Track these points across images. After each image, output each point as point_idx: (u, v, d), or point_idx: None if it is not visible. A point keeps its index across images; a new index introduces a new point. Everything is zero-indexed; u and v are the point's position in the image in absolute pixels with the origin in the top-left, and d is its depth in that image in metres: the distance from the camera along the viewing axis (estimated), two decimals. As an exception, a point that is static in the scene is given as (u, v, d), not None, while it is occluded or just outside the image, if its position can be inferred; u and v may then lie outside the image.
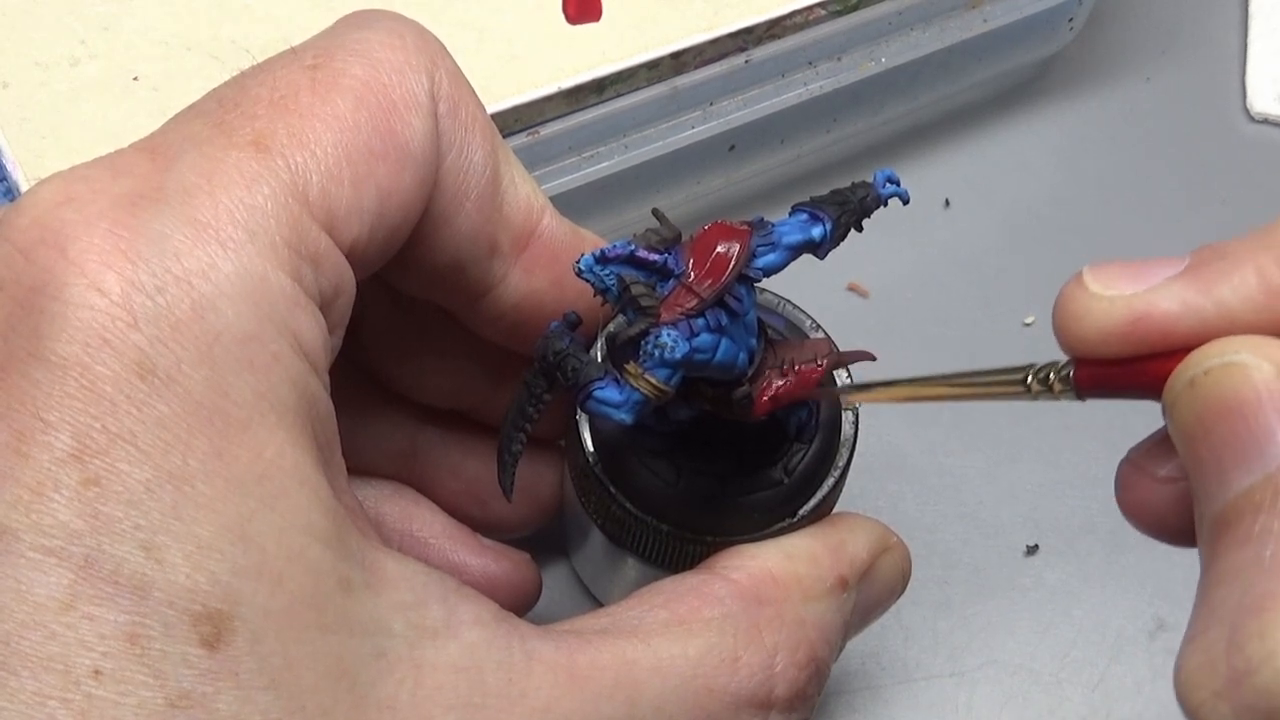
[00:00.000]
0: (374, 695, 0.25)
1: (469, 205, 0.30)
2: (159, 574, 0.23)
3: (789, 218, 0.30)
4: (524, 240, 0.31)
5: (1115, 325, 0.25)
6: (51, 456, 0.23)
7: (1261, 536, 0.22)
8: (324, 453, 0.26)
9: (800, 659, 0.30)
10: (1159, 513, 0.27)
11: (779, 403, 0.31)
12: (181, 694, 0.22)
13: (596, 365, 0.28)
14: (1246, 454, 0.23)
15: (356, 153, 0.27)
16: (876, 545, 0.33)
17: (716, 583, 0.30)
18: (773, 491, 0.32)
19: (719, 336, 0.28)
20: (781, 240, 0.29)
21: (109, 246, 0.24)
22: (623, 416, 0.28)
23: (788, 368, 0.31)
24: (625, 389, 0.28)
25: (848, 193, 0.30)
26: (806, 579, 0.31)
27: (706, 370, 0.29)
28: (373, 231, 0.27)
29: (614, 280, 0.28)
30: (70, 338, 0.23)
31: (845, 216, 0.30)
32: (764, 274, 0.29)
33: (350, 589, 0.25)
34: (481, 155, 0.30)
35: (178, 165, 0.25)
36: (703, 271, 0.28)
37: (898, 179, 0.30)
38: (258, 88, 0.27)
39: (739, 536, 0.32)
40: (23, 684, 0.22)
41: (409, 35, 0.29)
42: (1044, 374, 0.27)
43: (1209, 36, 0.55)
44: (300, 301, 0.25)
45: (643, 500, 0.32)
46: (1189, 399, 0.24)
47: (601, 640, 0.28)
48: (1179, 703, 0.24)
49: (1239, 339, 0.24)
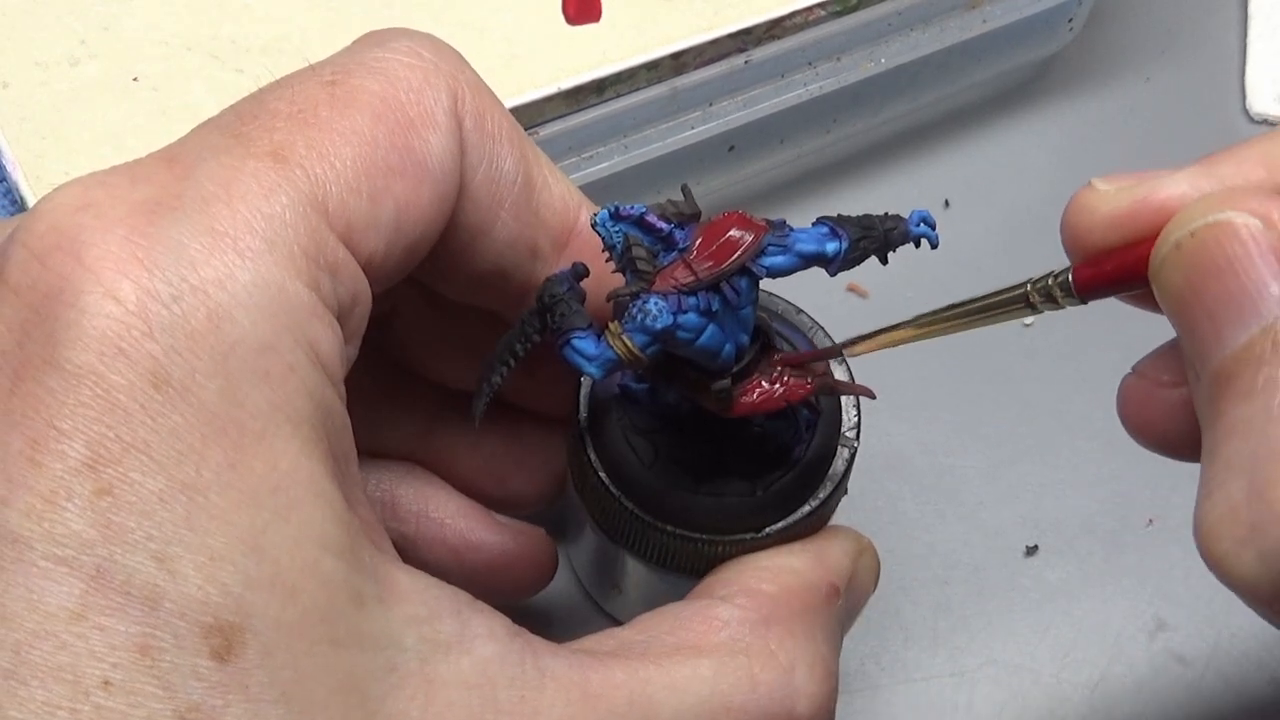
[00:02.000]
0: (385, 710, 0.25)
1: (504, 214, 0.30)
2: (170, 585, 0.23)
3: (810, 227, 0.30)
4: (563, 239, 0.32)
5: (1120, 210, 0.25)
6: (65, 465, 0.23)
7: (1267, 387, 0.22)
8: (339, 464, 0.26)
9: (819, 673, 0.30)
10: (1161, 421, 0.27)
11: (757, 408, 0.30)
12: (191, 706, 0.22)
13: (583, 316, 0.29)
14: (1241, 309, 0.23)
15: (374, 167, 0.27)
16: (853, 549, 0.33)
17: (719, 607, 0.30)
18: (741, 500, 0.32)
19: (707, 321, 0.28)
20: (795, 245, 0.29)
21: (125, 254, 0.24)
22: (592, 370, 0.28)
23: (777, 376, 0.31)
24: (602, 344, 0.28)
25: (876, 220, 0.30)
26: (804, 594, 0.31)
27: (688, 351, 0.29)
28: (389, 246, 0.27)
29: (620, 239, 0.28)
30: (85, 346, 0.23)
31: (866, 241, 0.30)
32: (768, 273, 0.29)
33: (363, 602, 0.25)
34: (512, 163, 0.30)
35: (195, 174, 0.25)
36: (707, 253, 0.28)
37: (933, 221, 0.31)
38: (276, 101, 0.27)
39: (698, 535, 0.32)
40: (32, 694, 0.22)
41: (427, 53, 0.29)
42: (1043, 284, 0.27)
43: (1209, 36, 0.55)
44: (318, 312, 0.25)
45: (617, 473, 0.32)
46: (1175, 262, 0.24)
47: (614, 660, 0.28)
48: (1203, 557, 0.24)
49: (1220, 194, 0.24)
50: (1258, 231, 0.23)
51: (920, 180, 0.51)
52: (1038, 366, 0.47)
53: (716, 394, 0.30)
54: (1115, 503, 0.44)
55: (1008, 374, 0.47)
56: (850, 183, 0.51)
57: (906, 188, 0.51)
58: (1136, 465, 0.45)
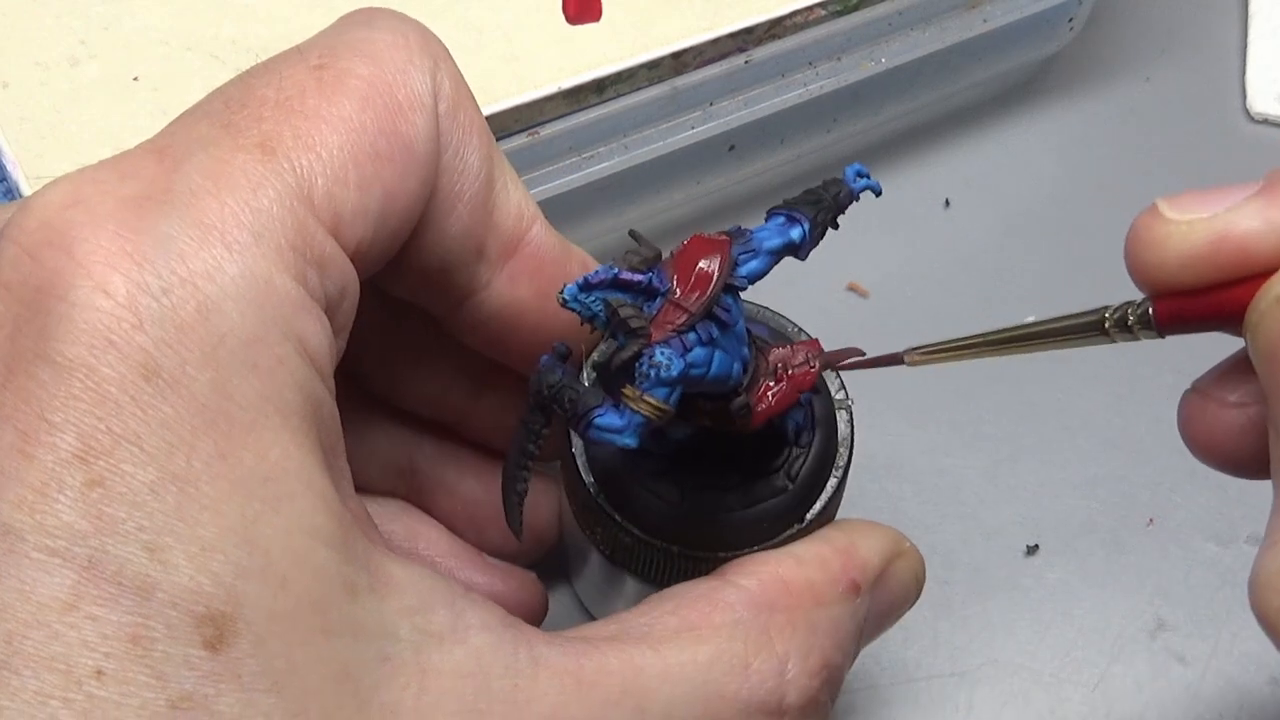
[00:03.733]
0: (378, 699, 0.25)
1: (461, 207, 0.30)
2: (162, 575, 0.23)
3: (766, 223, 0.30)
4: (511, 247, 0.31)
5: (1196, 249, 0.24)
6: (56, 457, 0.23)
7: None
8: (329, 456, 0.26)
9: (812, 665, 0.30)
10: (1227, 441, 0.27)
11: (777, 409, 0.30)
12: (183, 695, 0.22)
13: (593, 393, 0.28)
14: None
15: (362, 154, 0.27)
16: (888, 550, 0.33)
17: (727, 590, 0.30)
18: (778, 499, 0.32)
19: (712, 349, 0.28)
20: (762, 246, 0.29)
21: (115, 248, 0.24)
22: (627, 441, 0.27)
23: (781, 373, 0.31)
24: (625, 413, 0.27)
25: (821, 190, 0.30)
26: (818, 584, 0.31)
27: (703, 384, 0.28)
28: (376, 233, 0.27)
29: (601, 306, 0.27)
30: (75, 339, 0.23)
31: (821, 214, 0.30)
32: (749, 281, 0.29)
33: (355, 593, 0.25)
34: (478, 158, 0.30)
35: (184, 167, 0.25)
36: (688, 286, 0.28)
37: (867, 172, 0.30)
38: (264, 88, 0.27)
39: (750, 549, 0.32)
40: (25, 683, 0.22)
41: (412, 35, 0.29)
42: (1120, 314, 0.27)
43: (1209, 36, 0.55)
44: (305, 305, 0.25)
45: (649, 524, 0.32)
46: (1275, 317, 0.23)
47: (609, 646, 0.28)
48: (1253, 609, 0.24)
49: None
50: None
51: (920, 180, 0.51)
52: (1038, 366, 0.47)
53: (738, 413, 0.30)
54: (1115, 503, 0.44)
55: (1008, 374, 0.47)
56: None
57: (906, 188, 0.51)
58: (1136, 465, 0.45)
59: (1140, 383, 0.46)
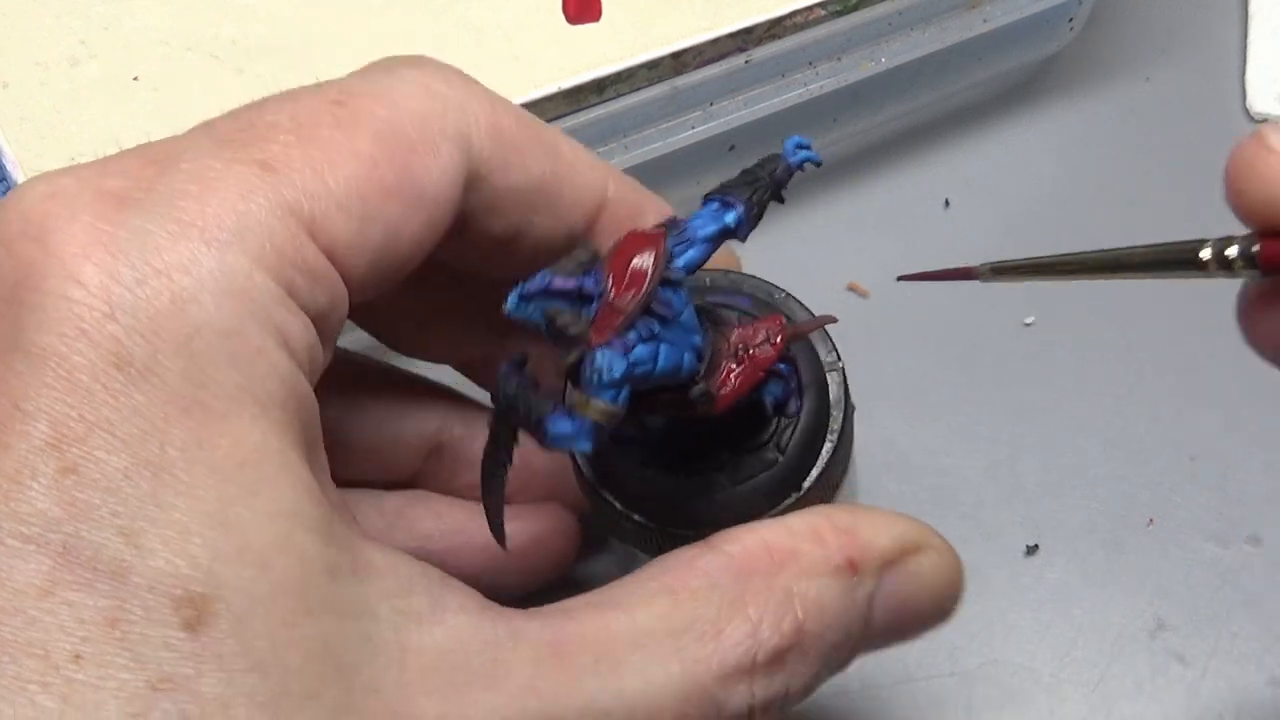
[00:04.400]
0: (360, 678, 0.25)
1: (537, 218, 0.31)
2: (137, 559, 0.23)
3: (701, 209, 0.30)
4: (593, 218, 0.32)
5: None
6: (29, 445, 0.23)
7: None
8: (310, 450, 0.26)
9: (785, 628, 0.29)
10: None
11: (740, 391, 0.30)
12: (163, 677, 0.22)
13: (544, 402, 0.28)
14: None
15: (370, 188, 0.27)
16: (903, 536, 0.31)
17: (708, 555, 0.30)
18: (770, 473, 0.32)
19: (655, 344, 0.28)
20: (697, 235, 0.29)
21: (89, 239, 0.24)
22: (582, 445, 0.27)
23: (743, 354, 0.30)
24: (576, 418, 0.27)
25: (757, 169, 0.30)
26: (806, 555, 0.30)
27: (653, 380, 0.28)
28: (373, 266, 0.27)
29: (539, 314, 0.27)
30: (48, 328, 0.23)
31: (758, 194, 0.30)
32: (686, 272, 0.29)
33: (337, 575, 0.25)
34: (536, 166, 0.30)
35: (173, 171, 0.25)
36: (623, 285, 0.28)
37: (808, 143, 0.30)
38: (277, 114, 0.27)
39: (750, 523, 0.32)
40: (3, 669, 0.22)
41: (436, 84, 0.29)
42: (1222, 248, 0.25)
43: (1209, 36, 0.55)
44: (285, 302, 0.26)
45: (647, 510, 0.32)
46: None
47: (586, 613, 0.28)
48: None
49: None
50: None
51: (920, 180, 0.51)
52: (1038, 366, 0.47)
53: (698, 400, 0.30)
54: (1115, 503, 0.44)
55: (1008, 374, 0.47)
56: (850, 183, 0.51)
57: (906, 188, 0.51)
58: (1136, 465, 0.45)
59: (1140, 383, 0.46)
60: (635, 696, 0.27)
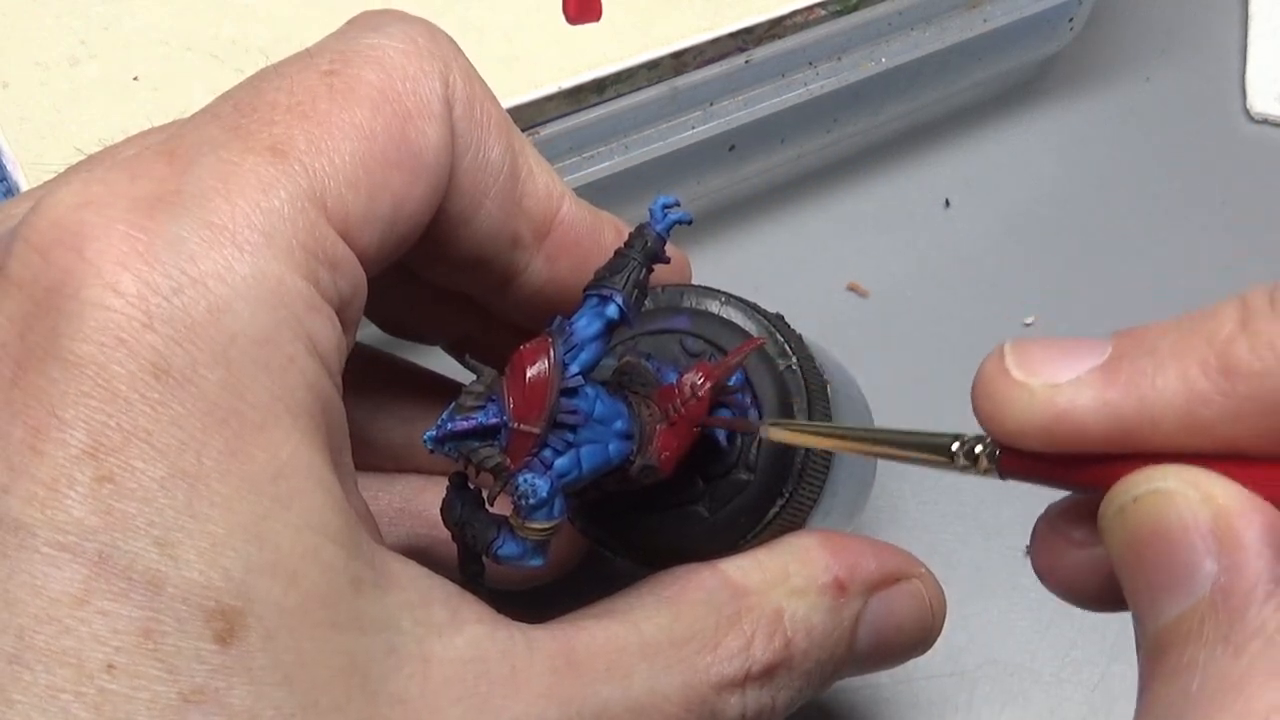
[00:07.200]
0: (385, 690, 0.25)
1: (489, 203, 0.30)
2: (173, 570, 0.23)
3: (582, 307, 0.29)
4: (544, 229, 0.32)
5: (1035, 421, 0.24)
6: (66, 453, 0.23)
7: (1189, 668, 0.22)
8: (336, 455, 0.26)
9: (776, 644, 0.30)
10: (1070, 576, 0.27)
11: (682, 451, 0.30)
12: (195, 689, 0.23)
13: (490, 525, 0.29)
14: (1175, 582, 0.23)
15: (373, 161, 0.27)
16: (891, 563, 0.33)
17: (705, 572, 0.31)
18: (746, 493, 0.32)
19: (575, 451, 0.28)
20: (584, 336, 0.29)
21: (126, 248, 0.24)
22: (534, 562, 0.29)
23: (674, 415, 0.30)
24: (520, 540, 0.28)
25: (628, 252, 0.30)
26: (796, 575, 0.31)
27: (585, 480, 0.29)
28: (384, 238, 0.27)
29: (456, 454, 0.28)
30: (86, 337, 0.23)
31: (633, 277, 0.30)
32: (584, 376, 0.29)
33: (361, 588, 0.25)
34: (499, 152, 0.30)
35: (194, 169, 0.25)
36: (524, 407, 0.28)
37: (675, 202, 0.30)
38: (274, 93, 0.27)
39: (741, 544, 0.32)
40: (36, 678, 0.22)
41: (422, 39, 0.29)
42: (969, 448, 0.27)
43: (1209, 36, 0.55)
44: (315, 304, 0.26)
45: (638, 555, 0.33)
46: (1121, 526, 0.24)
47: (595, 625, 0.29)
48: None
49: (1167, 467, 0.23)
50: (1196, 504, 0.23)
51: (920, 180, 0.51)
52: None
53: (642, 475, 0.30)
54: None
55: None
56: (850, 183, 0.51)
57: (906, 188, 0.51)
58: (1136, 465, 0.45)
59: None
60: (642, 702, 0.28)
